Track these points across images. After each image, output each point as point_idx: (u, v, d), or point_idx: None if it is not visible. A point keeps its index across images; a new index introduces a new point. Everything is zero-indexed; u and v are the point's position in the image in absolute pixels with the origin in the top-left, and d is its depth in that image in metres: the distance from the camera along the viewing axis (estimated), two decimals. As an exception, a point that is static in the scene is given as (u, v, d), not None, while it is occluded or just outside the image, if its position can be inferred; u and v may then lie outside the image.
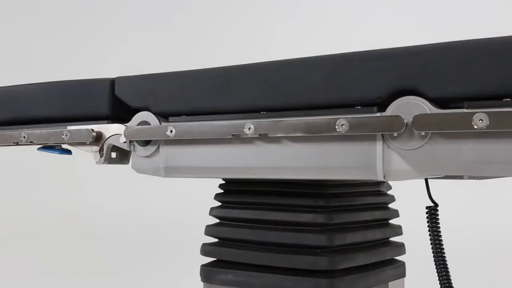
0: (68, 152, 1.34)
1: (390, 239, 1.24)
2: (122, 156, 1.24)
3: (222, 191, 1.24)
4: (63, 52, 4.40)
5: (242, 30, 4.15)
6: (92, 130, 1.19)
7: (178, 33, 4.26)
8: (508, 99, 0.80)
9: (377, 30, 3.71)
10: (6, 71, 4.07)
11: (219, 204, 1.24)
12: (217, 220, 1.23)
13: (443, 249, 1.12)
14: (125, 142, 1.16)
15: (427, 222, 1.12)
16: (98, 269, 3.18)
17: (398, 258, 1.24)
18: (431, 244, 1.13)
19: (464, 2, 3.62)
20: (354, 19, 3.88)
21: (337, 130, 0.91)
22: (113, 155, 1.23)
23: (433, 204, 1.13)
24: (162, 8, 4.36)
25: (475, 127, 0.80)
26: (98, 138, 1.19)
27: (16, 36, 4.45)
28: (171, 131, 1.09)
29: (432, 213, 1.12)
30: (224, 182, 1.24)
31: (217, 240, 1.22)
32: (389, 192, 1.28)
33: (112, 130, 1.19)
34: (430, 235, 1.12)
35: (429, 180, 1.14)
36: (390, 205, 1.27)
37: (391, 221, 1.26)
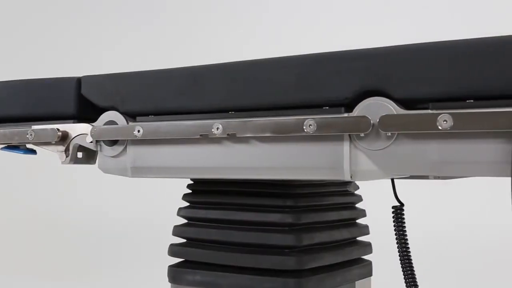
0: (33, 152, 1.32)
1: (357, 238, 1.25)
2: (89, 156, 1.23)
3: (190, 191, 1.23)
4: (30, 50, 4.32)
5: (216, 30, 4.14)
6: (58, 129, 1.17)
7: (157, 33, 4.23)
8: (472, 101, 0.81)
9: (345, 31, 3.74)
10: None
11: (187, 204, 1.23)
12: (185, 221, 1.22)
13: (408, 248, 1.14)
14: (91, 142, 1.15)
15: (393, 221, 1.13)
16: (63, 269, 3.14)
17: (365, 257, 1.26)
18: (397, 243, 1.14)
19: (431, 3, 3.67)
20: (321, 20, 3.90)
21: (305, 130, 0.92)
22: (79, 155, 1.21)
23: (399, 204, 1.14)
24: (142, 8, 4.32)
25: (440, 128, 0.81)
26: (63, 138, 1.17)
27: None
28: (138, 131, 1.08)
29: (398, 212, 1.14)
30: (192, 182, 1.24)
31: (185, 240, 1.21)
32: (356, 192, 1.30)
33: (78, 130, 1.17)
34: (396, 234, 1.13)
35: (395, 180, 1.15)
36: (357, 205, 1.28)
37: (358, 221, 1.27)
